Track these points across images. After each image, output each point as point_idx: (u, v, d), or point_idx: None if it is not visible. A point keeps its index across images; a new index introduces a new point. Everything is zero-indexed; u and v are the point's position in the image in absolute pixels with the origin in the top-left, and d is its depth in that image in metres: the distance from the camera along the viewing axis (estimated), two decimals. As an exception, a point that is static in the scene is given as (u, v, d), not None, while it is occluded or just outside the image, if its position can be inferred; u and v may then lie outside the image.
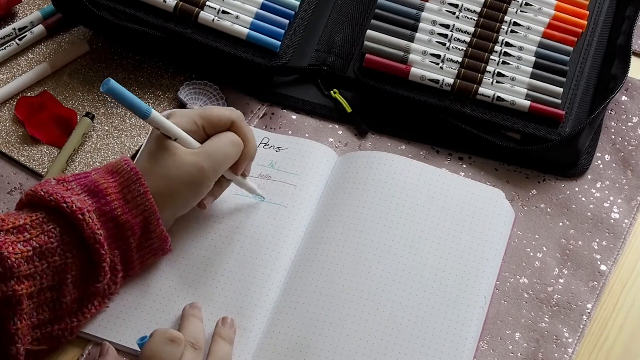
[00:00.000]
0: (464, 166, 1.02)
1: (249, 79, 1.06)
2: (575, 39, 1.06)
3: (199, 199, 0.90)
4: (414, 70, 1.02)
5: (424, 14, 1.06)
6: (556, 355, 0.89)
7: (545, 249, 0.96)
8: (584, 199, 1.00)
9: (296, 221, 0.95)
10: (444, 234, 0.94)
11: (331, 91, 1.06)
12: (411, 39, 1.04)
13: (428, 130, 1.04)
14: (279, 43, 1.04)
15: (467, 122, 1.01)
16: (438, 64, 1.03)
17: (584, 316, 0.92)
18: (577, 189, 1.01)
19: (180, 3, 1.04)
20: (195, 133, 0.90)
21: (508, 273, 0.94)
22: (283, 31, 1.05)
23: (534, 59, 1.04)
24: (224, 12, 1.04)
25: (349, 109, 1.05)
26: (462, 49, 1.04)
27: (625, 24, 1.09)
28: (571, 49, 1.05)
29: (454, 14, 1.07)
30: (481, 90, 1.01)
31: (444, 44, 1.04)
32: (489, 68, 1.03)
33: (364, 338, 0.87)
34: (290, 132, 1.03)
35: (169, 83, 1.06)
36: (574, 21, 1.07)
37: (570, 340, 0.90)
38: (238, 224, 0.94)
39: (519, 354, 0.89)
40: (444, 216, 0.95)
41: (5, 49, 1.06)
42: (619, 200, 1.00)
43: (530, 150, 1.00)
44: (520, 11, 1.07)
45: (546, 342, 0.90)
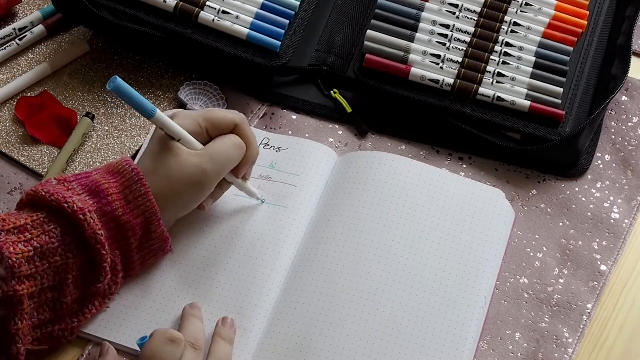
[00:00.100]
0: (464, 166, 1.02)
1: (249, 79, 1.06)
2: (575, 39, 1.06)
3: (200, 201, 0.90)
4: (414, 70, 1.02)
5: (424, 14, 1.06)
6: (556, 355, 0.89)
7: (545, 249, 0.96)
8: (584, 199, 1.00)
9: (296, 221, 0.95)
10: (444, 234, 0.94)
11: (331, 91, 1.06)
12: (411, 39, 1.04)
13: (428, 130, 1.04)
14: (279, 43, 1.04)
15: (467, 122, 1.01)
16: (438, 64, 1.03)
17: (584, 316, 0.92)
18: (577, 189, 1.01)
19: (180, 3, 1.04)
20: (198, 135, 0.90)
21: (508, 273, 0.94)
22: (283, 31, 1.05)
23: (534, 59, 1.04)
24: (224, 12, 1.04)
25: (349, 109, 1.05)
26: (462, 49, 1.04)
27: (625, 24, 1.09)
28: (571, 49, 1.05)
29: (454, 14, 1.07)
30: (481, 90, 1.01)
31: (444, 44, 1.04)
32: (489, 68, 1.03)
33: (364, 338, 0.87)
34: (290, 132, 1.03)
35: (169, 83, 1.06)
36: (574, 21, 1.07)
37: (570, 340, 0.90)
38: (238, 224, 0.94)
39: (519, 354, 0.89)
40: (444, 216, 0.95)
41: (5, 49, 1.06)
42: (619, 200, 1.00)
43: (530, 150, 1.00)
44: (520, 11, 1.07)
45: (546, 342, 0.90)
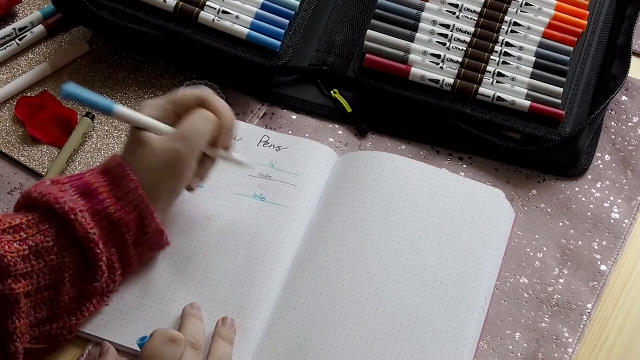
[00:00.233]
0: (464, 166, 1.02)
1: (249, 78, 1.06)
2: (575, 39, 1.06)
3: (184, 183, 0.89)
4: (414, 70, 1.02)
5: (424, 14, 1.06)
6: (556, 355, 0.89)
7: (545, 249, 0.96)
8: (584, 199, 1.00)
9: (296, 221, 0.95)
10: (444, 234, 0.94)
11: (331, 91, 1.06)
12: (411, 39, 1.04)
13: (428, 130, 1.04)
14: (279, 43, 1.04)
15: (467, 122, 1.01)
16: (438, 64, 1.03)
17: (584, 316, 0.92)
18: (577, 189, 1.01)
19: (180, 3, 1.04)
20: (166, 119, 0.89)
21: (508, 273, 0.94)
22: (283, 31, 1.05)
23: (534, 58, 1.04)
24: (224, 12, 1.04)
25: (349, 109, 1.05)
26: (462, 49, 1.04)
27: (625, 24, 1.09)
28: (571, 49, 1.05)
29: (454, 14, 1.07)
30: (481, 90, 1.01)
31: (444, 44, 1.04)
32: (489, 68, 1.03)
33: (364, 338, 0.87)
34: (290, 132, 1.03)
35: (169, 83, 1.06)
36: (574, 21, 1.07)
37: (570, 340, 0.90)
38: (238, 224, 0.94)
39: (519, 354, 0.89)
40: (444, 216, 0.95)
41: (5, 49, 1.06)
42: (619, 200, 1.00)
43: (530, 150, 1.00)
44: (520, 11, 1.07)
45: (546, 342, 0.90)
